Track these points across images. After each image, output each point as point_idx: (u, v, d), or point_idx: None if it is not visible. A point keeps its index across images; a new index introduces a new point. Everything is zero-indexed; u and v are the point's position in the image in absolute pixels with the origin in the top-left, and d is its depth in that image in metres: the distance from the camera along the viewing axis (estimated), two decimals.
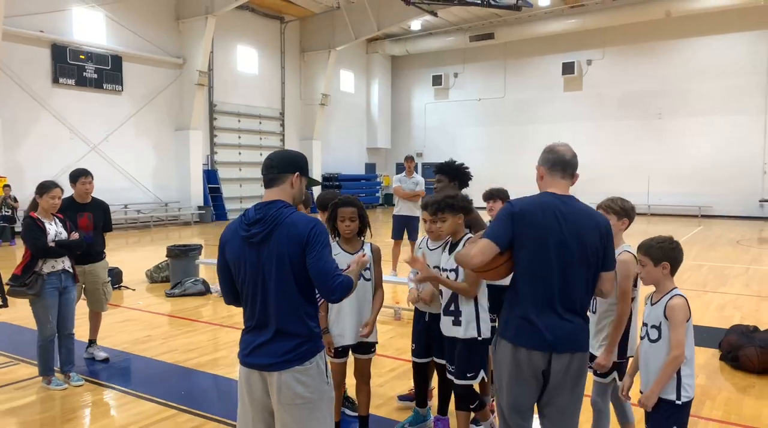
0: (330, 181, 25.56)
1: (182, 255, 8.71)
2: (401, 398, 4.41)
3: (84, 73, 17.14)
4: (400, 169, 29.33)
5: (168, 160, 19.63)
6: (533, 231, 2.65)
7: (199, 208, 19.97)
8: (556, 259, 2.64)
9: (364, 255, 2.89)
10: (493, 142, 25.97)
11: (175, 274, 8.67)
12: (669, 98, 22.39)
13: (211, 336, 6.39)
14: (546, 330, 2.63)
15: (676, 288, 2.90)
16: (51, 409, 4.38)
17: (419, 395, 4.00)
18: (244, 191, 22.61)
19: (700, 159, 21.73)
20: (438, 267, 3.59)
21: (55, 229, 4.67)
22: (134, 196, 18.49)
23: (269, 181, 2.62)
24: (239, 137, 22.29)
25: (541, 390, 2.72)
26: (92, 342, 5.49)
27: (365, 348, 3.69)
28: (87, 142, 17.35)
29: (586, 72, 24.10)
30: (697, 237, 15.42)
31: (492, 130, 26.11)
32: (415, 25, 24.83)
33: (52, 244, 4.58)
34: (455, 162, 4.31)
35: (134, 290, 8.62)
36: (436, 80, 27.17)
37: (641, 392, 2.92)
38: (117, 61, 17.99)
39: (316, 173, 24.96)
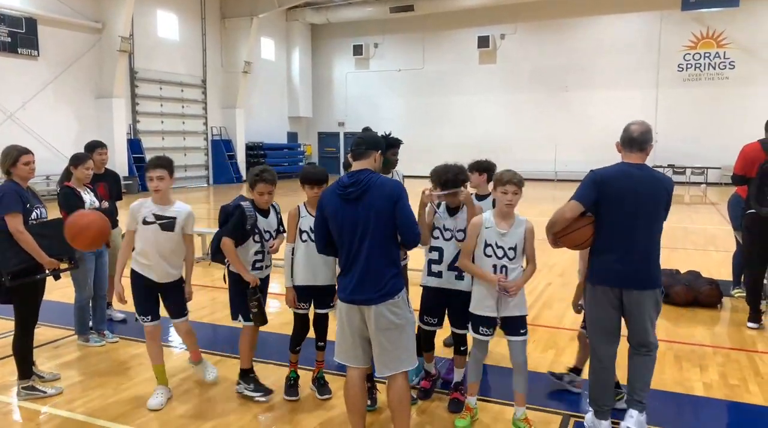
0: (254, 150, 25.55)
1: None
2: None
3: None
4: (322, 138, 29.69)
5: (90, 128, 18.88)
6: (614, 192, 3.41)
7: (125, 178, 19.47)
8: (632, 214, 3.39)
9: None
10: (413, 112, 26.88)
11: None
12: (574, 72, 24.20)
13: (210, 297, 6.83)
14: (620, 271, 3.40)
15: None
16: (104, 361, 4.79)
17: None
18: None
19: (601, 129, 23.63)
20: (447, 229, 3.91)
21: (89, 198, 4.99)
22: (56, 167, 17.60)
23: (358, 154, 3.27)
24: (161, 105, 21.81)
25: (620, 317, 3.52)
26: (109, 304, 5.82)
27: None
28: (3, 110, 16.49)
29: (500, 46, 25.45)
30: None
31: (412, 100, 27.00)
32: None
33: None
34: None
35: None
36: (357, 50, 27.57)
37: None
38: (32, 24, 17.09)
39: (239, 142, 24.90)
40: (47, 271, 4.15)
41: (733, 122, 21.13)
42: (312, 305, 4.13)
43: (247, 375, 4.15)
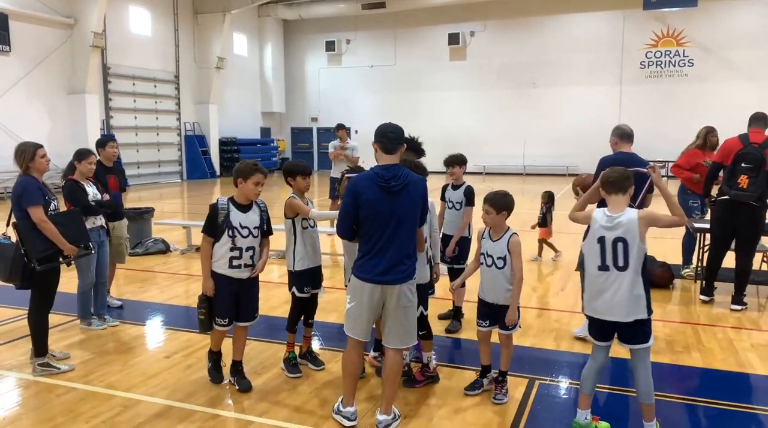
0: (227, 145, 25.70)
1: (137, 218, 9.21)
2: None
3: None
4: (295, 133, 29.97)
5: (63, 125, 18.94)
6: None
7: None
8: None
9: None
10: (386, 108, 27.19)
11: (130, 235, 9.13)
12: (542, 69, 24.94)
13: (199, 285, 7.17)
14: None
15: (510, 228, 4.03)
16: (108, 342, 5.15)
17: None
18: (141, 156, 22.27)
19: (568, 124, 24.57)
20: None
21: (92, 191, 5.34)
22: None
23: (390, 149, 3.54)
24: (134, 101, 21.84)
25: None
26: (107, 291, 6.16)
27: None
28: None
29: (470, 43, 26.05)
30: (572, 193, 17.90)
31: (384, 96, 27.41)
32: None
33: (92, 203, 5.26)
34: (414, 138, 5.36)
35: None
36: (329, 46, 27.88)
37: (485, 300, 4.06)
38: (3, 19, 17.03)
39: (213, 138, 25.03)
40: (69, 256, 4.51)
41: (692, 117, 22.00)
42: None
43: (212, 355, 4.35)
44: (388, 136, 3.55)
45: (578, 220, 3.78)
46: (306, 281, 4.44)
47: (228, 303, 4.10)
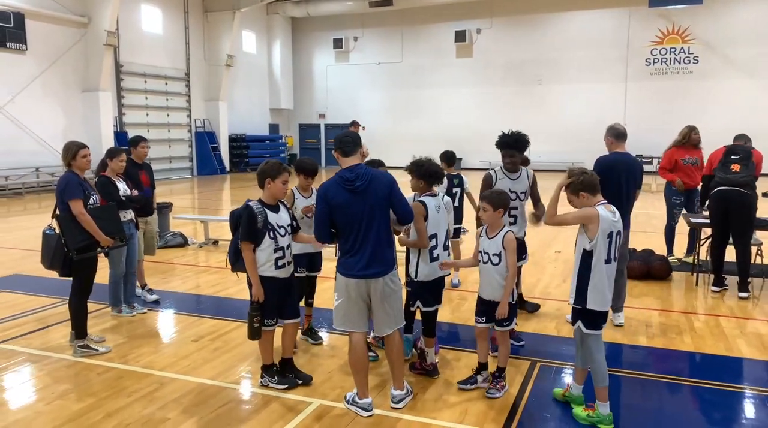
0: (237, 142, 26.10)
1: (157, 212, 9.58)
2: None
3: None
4: (303, 129, 30.32)
5: (77, 121, 19.34)
6: (613, 172, 4.88)
7: None
8: (624, 185, 5.15)
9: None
10: (392, 105, 27.63)
11: None
12: (547, 66, 25.18)
13: (219, 276, 7.55)
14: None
15: (505, 225, 4.17)
16: (139, 328, 5.53)
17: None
18: (153, 153, 22.38)
19: (573, 121, 24.81)
20: None
21: (123, 186, 5.71)
22: (45, 159, 18.11)
23: (349, 151, 3.84)
24: (146, 98, 22.24)
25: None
26: (144, 285, 6.50)
27: None
28: None
29: (476, 40, 26.30)
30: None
31: (391, 93, 27.73)
32: None
33: (123, 198, 5.63)
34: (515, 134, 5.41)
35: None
36: (337, 43, 28.20)
37: (482, 297, 4.17)
38: (19, 18, 17.43)
39: (223, 134, 25.40)
40: (105, 247, 4.89)
41: (696, 114, 22.25)
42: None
43: (270, 369, 4.28)
44: (345, 141, 3.85)
45: (566, 222, 3.84)
46: (301, 263, 4.77)
47: (275, 303, 4.14)
